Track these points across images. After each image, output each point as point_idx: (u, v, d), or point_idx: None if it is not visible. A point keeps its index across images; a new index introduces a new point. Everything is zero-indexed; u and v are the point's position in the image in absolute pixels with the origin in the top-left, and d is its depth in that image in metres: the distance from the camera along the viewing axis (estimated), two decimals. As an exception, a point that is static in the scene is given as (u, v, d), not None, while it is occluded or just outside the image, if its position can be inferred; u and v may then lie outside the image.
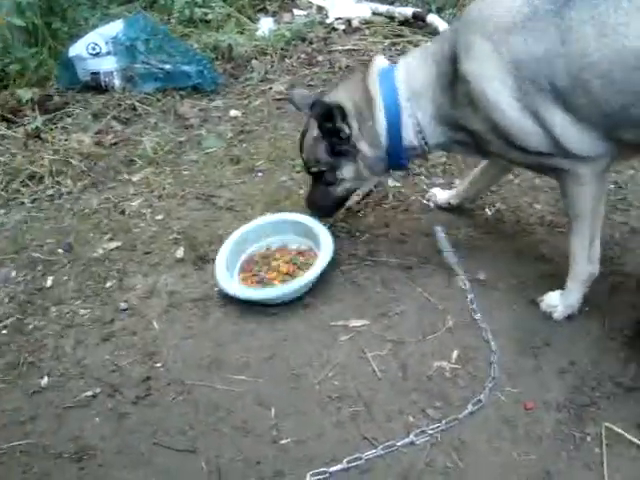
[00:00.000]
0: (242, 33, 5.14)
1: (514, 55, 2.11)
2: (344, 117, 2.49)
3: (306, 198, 2.87)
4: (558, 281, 2.53)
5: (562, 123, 2.12)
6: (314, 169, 2.70)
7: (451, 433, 2.07)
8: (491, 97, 2.17)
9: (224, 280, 2.64)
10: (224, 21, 5.23)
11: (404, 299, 2.57)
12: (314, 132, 2.61)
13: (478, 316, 2.46)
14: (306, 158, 2.71)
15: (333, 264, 2.73)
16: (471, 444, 2.04)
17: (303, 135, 2.71)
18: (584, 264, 2.39)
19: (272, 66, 4.67)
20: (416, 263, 2.73)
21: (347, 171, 2.63)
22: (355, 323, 2.49)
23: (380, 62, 2.57)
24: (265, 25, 5.20)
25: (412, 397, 2.21)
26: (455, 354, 2.34)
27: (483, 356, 2.32)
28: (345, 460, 2.01)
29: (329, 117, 2.49)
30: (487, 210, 3.02)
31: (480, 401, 2.15)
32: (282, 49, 4.84)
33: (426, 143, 2.49)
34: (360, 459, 2.01)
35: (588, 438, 2.03)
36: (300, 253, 2.82)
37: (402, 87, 2.43)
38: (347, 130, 2.51)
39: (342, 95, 2.56)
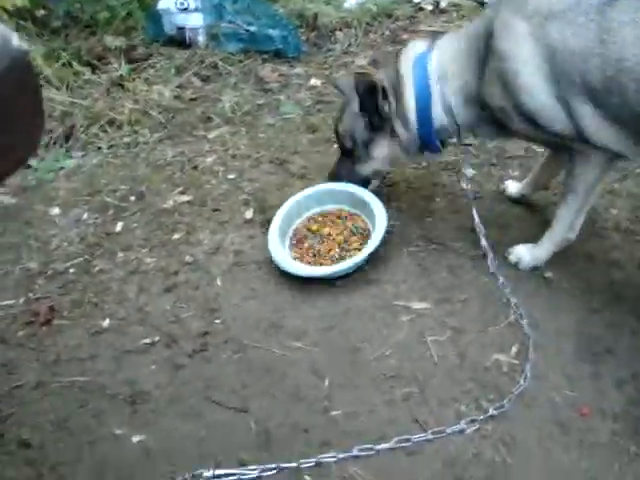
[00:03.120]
0: (329, 3, 5.10)
1: (550, 42, 2.11)
2: (385, 95, 2.55)
3: (330, 172, 2.92)
4: (629, 289, 2.49)
5: (591, 116, 2.13)
6: (348, 145, 2.75)
7: (502, 427, 2.04)
8: (523, 79, 2.18)
9: (282, 258, 2.63)
10: (312, -11, 5.20)
11: (469, 287, 2.54)
12: (355, 108, 2.66)
13: (515, 306, 2.44)
14: (342, 133, 2.76)
15: (401, 244, 2.74)
16: (521, 442, 2.01)
17: (341, 112, 2.77)
18: (565, 229, 2.55)
19: (356, 39, 4.62)
20: (485, 252, 2.67)
21: (380, 149, 2.70)
22: (417, 305, 2.47)
23: (418, 45, 2.59)
24: (352, -3, 5.15)
25: (467, 386, 2.18)
26: (515, 349, 2.30)
27: (543, 354, 2.27)
28: (394, 440, 2.00)
29: (372, 93, 2.54)
30: (562, 208, 2.95)
31: (523, 383, 2.14)
32: (367, 23, 4.78)
33: (456, 123, 2.52)
34: (409, 441, 2.00)
35: (643, 453, 1.98)
36: (350, 218, 2.82)
37: (433, 68, 2.48)
38: (387, 108, 2.57)
39: (381, 75, 2.59)
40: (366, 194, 2.80)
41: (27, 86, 1.29)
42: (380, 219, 2.68)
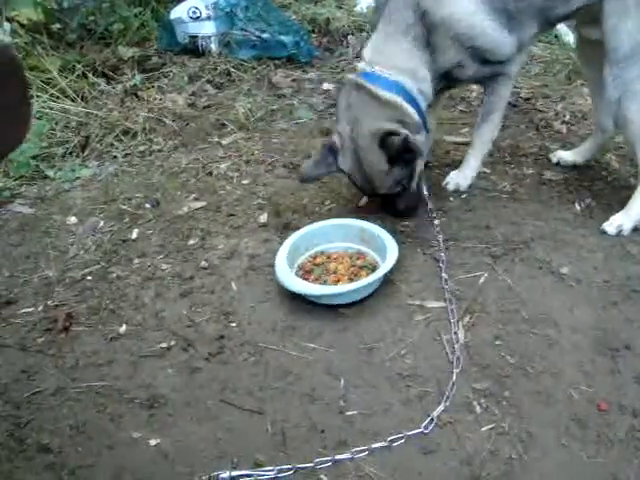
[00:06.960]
0: (340, 8, 5.14)
1: None
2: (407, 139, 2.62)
3: (397, 211, 2.89)
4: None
5: (521, 21, 2.65)
6: (396, 190, 2.78)
7: (519, 424, 2.02)
8: (477, 26, 2.59)
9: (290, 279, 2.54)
10: (324, -6, 5.24)
11: (484, 286, 2.53)
12: (382, 167, 2.68)
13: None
14: (386, 191, 2.77)
15: (415, 244, 2.76)
16: (538, 438, 1.99)
17: (368, 181, 2.75)
18: (487, 148, 3.04)
19: (368, 43, 4.63)
20: (500, 250, 2.68)
21: (418, 166, 2.78)
22: (432, 304, 2.47)
23: (358, 73, 2.73)
24: (364, 1, 5.17)
25: (482, 385, 2.17)
26: (531, 347, 2.29)
27: (558, 352, 2.26)
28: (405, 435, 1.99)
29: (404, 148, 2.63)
30: (577, 205, 2.94)
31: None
32: (379, 27, 4.79)
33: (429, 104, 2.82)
34: (422, 433, 2.00)
35: (663, 448, 1.95)
36: (358, 257, 2.69)
37: (394, 74, 2.64)
38: (414, 146, 2.65)
39: (380, 122, 2.64)
40: (375, 228, 2.72)
41: (12, 78, 1.31)
42: (391, 250, 2.58)
